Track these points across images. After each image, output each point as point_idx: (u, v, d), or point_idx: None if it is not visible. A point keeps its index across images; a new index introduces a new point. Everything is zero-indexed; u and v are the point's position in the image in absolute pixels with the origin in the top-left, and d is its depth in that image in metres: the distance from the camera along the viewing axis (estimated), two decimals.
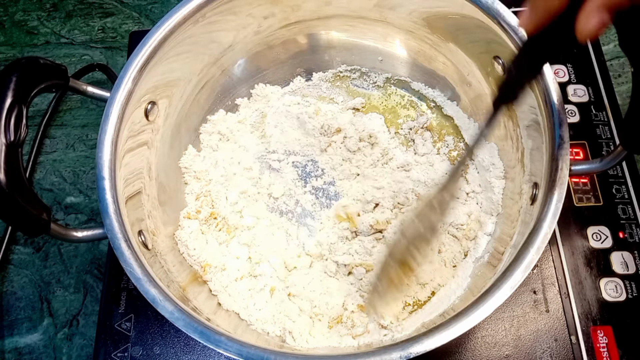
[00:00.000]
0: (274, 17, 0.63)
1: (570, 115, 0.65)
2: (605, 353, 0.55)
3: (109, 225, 0.46)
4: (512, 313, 0.57)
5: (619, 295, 0.58)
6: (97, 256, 0.68)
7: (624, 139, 0.46)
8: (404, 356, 0.41)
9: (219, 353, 0.58)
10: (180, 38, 0.55)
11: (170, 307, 0.44)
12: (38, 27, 0.85)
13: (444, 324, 0.42)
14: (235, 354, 0.42)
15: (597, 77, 0.68)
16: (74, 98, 0.79)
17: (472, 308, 0.42)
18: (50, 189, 0.73)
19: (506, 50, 0.52)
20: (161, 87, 0.57)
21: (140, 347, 0.58)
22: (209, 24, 0.57)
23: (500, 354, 0.56)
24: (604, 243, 0.60)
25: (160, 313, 0.43)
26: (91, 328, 0.64)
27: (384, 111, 0.69)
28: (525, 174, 0.54)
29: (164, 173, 0.60)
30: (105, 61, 0.81)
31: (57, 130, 0.77)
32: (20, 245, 0.69)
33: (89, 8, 0.87)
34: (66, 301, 0.66)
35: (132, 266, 0.45)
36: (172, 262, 0.55)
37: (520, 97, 0.42)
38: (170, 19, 0.53)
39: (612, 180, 0.63)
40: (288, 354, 0.43)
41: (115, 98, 0.50)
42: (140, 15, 0.85)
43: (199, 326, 0.43)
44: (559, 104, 0.47)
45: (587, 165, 0.47)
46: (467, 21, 0.56)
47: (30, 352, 0.63)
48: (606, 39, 0.75)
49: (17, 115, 0.41)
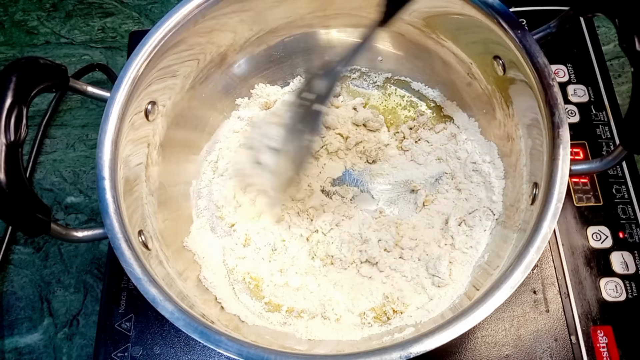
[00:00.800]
0: (274, 16, 0.63)
1: (570, 115, 0.65)
2: (605, 353, 0.55)
3: (109, 225, 0.46)
4: (512, 313, 0.57)
5: (619, 295, 0.58)
6: (97, 256, 0.68)
7: (624, 138, 0.46)
8: (404, 356, 0.41)
9: (219, 353, 0.58)
10: (180, 38, 0.55)
11: (170, 307, 0.44)
12: (38, 27, 0.85)
13: (445, 324, 0.42)
14: (235, 354, 0.42)
15: (597, 77, 0.68)
16: (74, 98, 0.79)
17: (472, 308, 0.42)
18: (50, 189, 0.73)
19: (506, 50, 0.52)
20: (161, 87, 0.57)
21: (140, 347, 0.58)
22: (208, 24, 0.57)
23: (500, 354, 0.56)
24: (604, 243, 0.60)
25: (160, 313, 0.43)
26: (91, 328, 0.64)
27: (384, 111, 0.69)
28: (525, 173, 0.54)
29: (164, 173, 0.60)
30: (105, 61, 0.81)
31: (57, 130, 0.77)
32: (20, 245, 0.69)
33: (89, 8, 0.87)
34: (66, 301, 0.66)
35: (132, 266, 0.45)
36: (173, 261, 0.55)
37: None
38: (170, 19, 0.53)
39: (612, 180, 0.63)
40: (289, 354, 0.43)
41: (115, 98, 0.50)
42: (140, 15, 0.85)
43: (199, 326, 0.43)
44: (559, 103, 0.47)
45: (587, 165, 0.47)
46: (467, 21, 0.56)
47: (31, 352, 0.63)
48: (606, 39, 0.75)
49: (17, 115, 0.41)
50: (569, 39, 0.70)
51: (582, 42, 0.70)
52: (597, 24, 0.73)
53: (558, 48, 0.70)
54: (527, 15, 0.72)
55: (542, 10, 0.72)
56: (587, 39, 0.70)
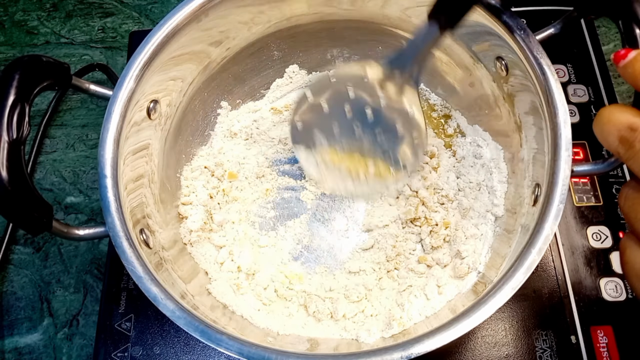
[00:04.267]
0: (277, 15, 0.63)
1: (570, 115, 0.65)
2: (605, 353, 0.55)
3: (110, 223, 0.46)
4: (512, 313, 0.57)
5: (619, 295, 0.58)
6: (97, 256, 0.68)
7: None
8: (405, 356, 0.41)
9: (219, 353, 0.58)
10: (182, 36, 0.54)
11: (171, 305, 0.43)
12: (38, 27, 0.85)
13: (445, 325, 0.42)
14: (236, 353, 0.42)
15: (597, 77, 0.68)
16: (74, 98, 0.79)
17: (473, 309, 0.42)
18: (50, 189, 0.73)
19: (509, 51, 0.52)
20: (164, 85, 0.57)
21: (140, 347, 0.58)
22: (211, 21, 0.57)
23: (500, 354, 0.56)
24: (604, 243, 0.60)
25: (160, 313, 0.43)
26: (91, 328, 0.64)
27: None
28: (528, 174, 0.54)
29: (166, 171, 0.60)
30: (105, 61, 0.81)
31: (57, 130, 0.77)
32: (20, 245, 0.69)
33: (89, 8, 0.87)
34: (66, 301, 0.66)
35: (133, 264, 0.45)
36: (174, 260, 0.54)
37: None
38: (174, 17, 0.53)
39: (612, 180, 0.63)
40: (289, 353, 0.43)
41: (117, 96, 0.50)
42: (140, 15, 0.85)
43: (200, 325, 0.43)
44: (562, 104, 0.47)
45: (590, 167, 0.47)
46: (469, 22, 0.56)
47: (30, 352, 0.63)
48: (606, 39, 0.76)
49: (20, 112, 0.41)
50: (569, 39, 0.70)
51: (582, 42, 0.70)
52: (597, 24, 0.73)
53: (558, 48, 0.70)
54: (527, 15, 0.72)
55: (542, 10, 0.72)
56: (587, 39, 0.70)
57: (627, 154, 0.32)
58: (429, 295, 0.56)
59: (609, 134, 0.33)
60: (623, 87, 0.72)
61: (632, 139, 0.32)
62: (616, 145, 0.33)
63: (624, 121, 0.32)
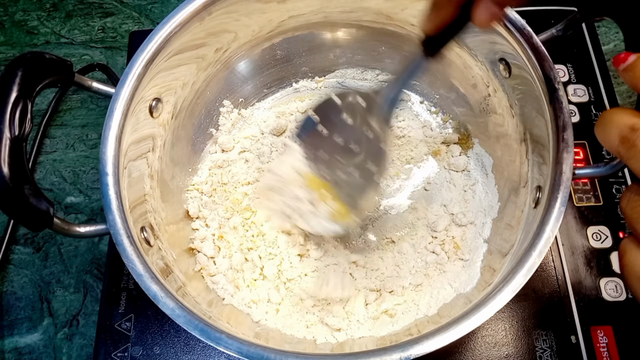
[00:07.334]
0: (279, 14, 0.63)
1: (570, 115, 0.66)
2: (605, 353, 0.55)
3: (111, 221, 0.46)
4: (512, 313, 0.57)
5: (619, 295, 0.58)
6: (97, 256, 0.68)
7: None
8: (404, 357, 0.40)
9: (219, 353, 0.58)
10: (185, 34, 0.54)
11: (171, 303, 0.43)
12: (38, 27, 0.85)
13: (446, 326, 0.42)
14: (235, 352, 0.42)
15: (597, 77, 0.69)
16: (74, 98, 0.79)
17: (474, 310, 0.42)
18: (50, 189, 0.73)
19: (512, 53, 0.52)
20: (166, 84, 0.57)
21: (140, 347, 0.58)
22: (214, 20, 0.57)
23: (500, 354, 0.56)
24: (604, 243, 0.60)
25: (160, 312, 0.43)
26: (91, 328, 0.64)
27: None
28: (529, 176, 0.54)
29: (167, 170, 0.60)
30: (105, 61, 0.81)
31: (57, 130, 0.77)
32: (20, 245, 0.69)
33: (89, 8, 0.87)
34: (66, 301, 0.66)
35: (134, 262, 0.45)
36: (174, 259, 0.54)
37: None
38: (176, 15, 0.53)
39: (612, 180, 0.63)
40: (288, 353, 0.43)
41: (120, 94, 0.50)
42: (140, 15, 0.85)
43: (199, 323, 0.43)
44: (564, 106, 0.47)
45: (591, 170, 0.47)
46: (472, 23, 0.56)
47: (30, 352, 0.63)
48: (606, 39, 0.76)
49: (22, 109, 0.41)
50: (569, 39, 0.71)
51: (582, 42, 0.71)
52: (598, 24, 0.73)
53: (558, 48, 0.70)
54: (528, 15, 0.72)
55: (543, 10, 0.72)
56: (587, 39, 0.71)
57: (628, 154, 0.32)
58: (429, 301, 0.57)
59: (610, 134, 0.33)
60: (623, 87, 0.72)
61: (633, 139, 0.32)
62: (617, 145, 0.33)
63: (626, 122, 0.32)
